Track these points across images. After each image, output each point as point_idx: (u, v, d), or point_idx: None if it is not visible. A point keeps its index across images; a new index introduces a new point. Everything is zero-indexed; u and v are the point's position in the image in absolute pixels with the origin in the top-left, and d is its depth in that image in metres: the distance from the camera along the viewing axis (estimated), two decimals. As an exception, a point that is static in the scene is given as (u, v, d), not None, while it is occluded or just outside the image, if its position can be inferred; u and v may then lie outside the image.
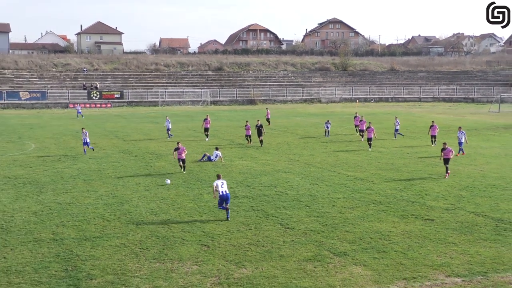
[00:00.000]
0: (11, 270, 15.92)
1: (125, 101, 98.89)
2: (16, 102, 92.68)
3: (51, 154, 38.07)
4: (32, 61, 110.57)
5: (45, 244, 18.23)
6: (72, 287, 14.70)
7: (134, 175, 30.54)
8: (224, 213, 21.60)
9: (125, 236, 19.13)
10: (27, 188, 26.94)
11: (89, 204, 23.63)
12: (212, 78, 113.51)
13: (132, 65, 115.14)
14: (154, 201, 24.36)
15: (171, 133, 48.37)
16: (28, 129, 56.10)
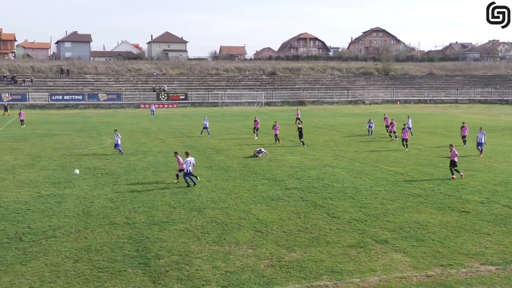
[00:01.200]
0: (91, 248, 16.33)
1: (189, 102, 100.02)
2: (95, 103, 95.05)
3: (125, 149, 38.79)
4: (110, 67, 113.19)
5: (120, 227, 18.62)
6: (143, 265, 14.95)
7: (197, 167, 30.79)
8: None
9: (189, 222, 19.34)
10: (105, 178, 27.57)
11: (157, 193, 24.00)
12: (266, 82, 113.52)
13: (196, 70, 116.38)
14: (214, 191, 24.54)
15: (209, 131, 47.79)
16: (106, 126, 57.40)
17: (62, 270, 14.51)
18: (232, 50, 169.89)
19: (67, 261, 15.21)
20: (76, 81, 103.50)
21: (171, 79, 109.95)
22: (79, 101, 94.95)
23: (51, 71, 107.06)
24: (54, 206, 21.53)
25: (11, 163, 32.07)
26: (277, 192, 24.09)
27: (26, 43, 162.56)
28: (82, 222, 19.17)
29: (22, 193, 23.86)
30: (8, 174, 28.32)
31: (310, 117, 71.37)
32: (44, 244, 16.67)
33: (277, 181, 26.62)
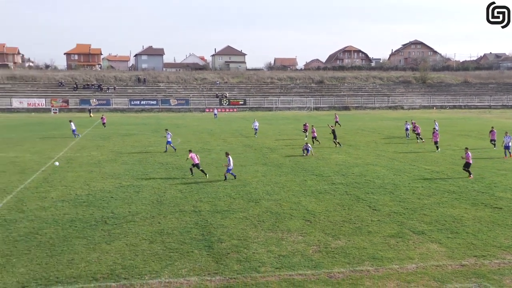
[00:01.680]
0: (163, 232, 16.70)
1: (247, 106, 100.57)
2: (167, 107, 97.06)
3: (192, 147, 39.28)
4: (179, 76, 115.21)
5: (187, 214, 18.94)
6: (207, 248, 15.16)
7: (254, 164, 30.97)
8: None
9: (247, 211, 19.46)
10: (175, 172, 28.10)
11: (220, 185, 24.25)
12: (315, 89, 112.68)
13: (253, 79, 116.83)
14: (269, 184, 24.58)
15: (257, 133, 48.21)
16: (176, 127, 58.50)
17: (140, 250, 14.91)
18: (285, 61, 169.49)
19: (143, 242, 15.62)
20: (151, 89, 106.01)
21: (231, 87, 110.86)
22: (153, 106, 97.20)
23: (131, 80, 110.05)
24: (133, 195, 22.15)
25: (97, 158, 33.20)
26: (324, 187, 23.89)
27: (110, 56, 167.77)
28: (156, 209, 19.62)
29: (107, 183, 24.67)
30: (95, 167, 29.35)
31: (354, 121, 70.33)
32: (124, 227, 17.18)
33: (324, 177, 26.40)
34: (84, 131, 53.00)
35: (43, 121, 68.81)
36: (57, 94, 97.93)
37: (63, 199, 21.10)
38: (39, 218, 18.15)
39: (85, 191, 22.69)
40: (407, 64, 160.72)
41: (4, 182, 24.57)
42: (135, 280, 12.71)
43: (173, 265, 13.69)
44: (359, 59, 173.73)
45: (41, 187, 23.61)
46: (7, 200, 20.85)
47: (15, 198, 21.32)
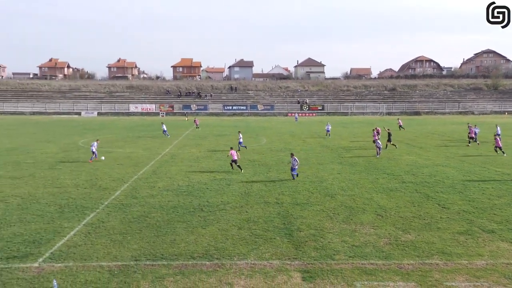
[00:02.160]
0: (250, 220, 16.89)
1: (325, 111, 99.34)
2: (255, 112, 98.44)
3: (276, 146, 39.62)
4: (266, 85, 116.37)
5: (271, 205, 19.01)
6: (288, 235, 15.12)
7: (330, 162, 30.46)
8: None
9: (323, 204, 19.17)
10: (260, 168, 28.36)
11: (300, 181, 24.09)
12: (388, 96, 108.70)
13: (331, 87, 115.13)
14: (343, 181, 24.04)
15: (330, 134, 48.07)
16: (262, 129, 59.14)
17: (230, 235, 15.20)
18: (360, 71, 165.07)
19: (233, 228, 15.90)
20: (241, 96, 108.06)
21: (311, 94, 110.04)
22: (243, 110, 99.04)
23: (224, 88, 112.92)
24: (225, 187, 22.64)
25: (196, 154, 34.39)
26: (395, 185, 22.92)
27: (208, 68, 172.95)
28: (244, 200, 19.90)
29: (203, 176, 25.45)
30: (194, 162, 30.40)
31: (424, 125, 66.92)
32: (217, 214, 17.61)
33: (395, 176, 25.33)
34: (184, 132, 55.18)
35: (153, 123, 72.61)
36: (164, 100, 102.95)
37: (167, 189, 22.07)
38: (148, 204, 19.13)
39: (185, 182, 23.57)
40: (478, 72, 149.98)
41: (122, 173, 26.20)
42: (225, 260, 12.97)
43: (258, 249, 13.80)
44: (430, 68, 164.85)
45: (151, 178, 24.87)
46: (124, 188, 22.21)
47: (130, 186, 22.65)
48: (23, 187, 22.19)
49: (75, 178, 24.51)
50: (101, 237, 14.81)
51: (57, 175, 25.53)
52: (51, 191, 21.45)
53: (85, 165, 28.94)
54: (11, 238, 14.68)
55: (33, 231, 15.41)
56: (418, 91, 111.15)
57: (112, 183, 23.40)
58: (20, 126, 63.52)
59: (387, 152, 35.01)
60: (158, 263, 12.73)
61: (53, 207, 18.45)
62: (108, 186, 22.53)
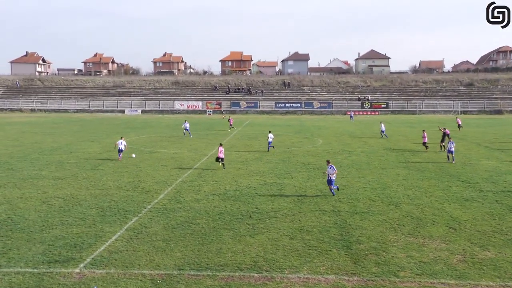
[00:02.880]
0: (303, 229, 16.77)
1: (390, 110, 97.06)
2: (310, 110, 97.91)
3: (333, 148, 39.16)
4: (323, 80, 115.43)
5: (327, 214, 18.79)
6: (345, 248, 14.87)
7: (395, 167, 29.70)
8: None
9: (386, 214, 18.71)
10: (316, 172, 28.09)
11: (359, 187, 23.68)
12: (463, 92, 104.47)
13: (396, 82, 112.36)
14: (410, 188, 23.35)
15: (385, 134, 48.22)
16: (318, 129, 58.67)
17: (281, 245, 15.16)
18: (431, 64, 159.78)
19: (284, 238, 15.85)
20: (295, 92, 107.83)
21: (374, 90, 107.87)
22: (297, 108, 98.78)
23: (277, 84, 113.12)
24: (275, 192, 22.65)
25: (245, 156, 34.67)
26: (471, 194, 21.94)
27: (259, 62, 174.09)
28: (297, 207, 19.81)
29: (252, 180, 25.59)
30: (243, 165, 30.66)
31: (506, 125, 63.71)
32: (267, 222, 17.62)
33: (471, 184, 24.25)
34: (232, 131, 55.80)
35: (199, 121, 74.04)
36: (211, 98, 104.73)
37: (213, 193, 22.39)
38: (193, 209, 19.49)
39: (233, 187, 23.80)
40: None
41: (166, 175, 26.89)
42: (275, 273, 12.94)
43: (312, 262, 13.67)
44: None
45: (196, 181, 25.35)
46: (167, 191, 22.77)
47: (174, 189, 23.19)
48: (66, 188, 23.31)
49: (118, 180, 25.44)
50: (143, 244, 15.25)
51: (100, 176, 26.62)
52: (93, 192, 22.39)
53: (128, 166, 29.98)
54: (53, 241, 15.45)
55: (75, 234, 16.13)
56: (500, 87, 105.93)
57: (155, 185, 24.07)
58: (64, 124, 66.90)
59: (462, 156, 33.60)
60: (203, 273, 12.92)
61: (95, 210, 19.24)
62: (151, 189, 23.19)
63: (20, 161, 31.85)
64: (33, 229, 16.70)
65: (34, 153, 35.54)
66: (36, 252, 14.43)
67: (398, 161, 32.09)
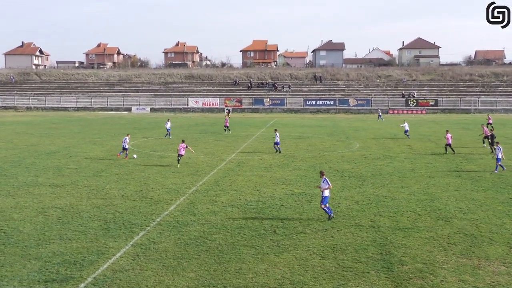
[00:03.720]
0: (336, 247, 16.72)
1: (439, 108, 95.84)
2: (345, 108, 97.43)
3: (372, 153, 38.91)
4: (360, 73, 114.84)
5: (364, 230, 18.70)
6: (386, 269, 14.77)
7: (445, 175, 29.35)
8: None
9: (434, 230, 18.52)
10: (351, 181, 28.01)
11: (403, 199, 23.49)
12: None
13: (448, 76, 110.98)
14: (463, 201, 23.05)
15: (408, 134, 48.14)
16: (354, 130, 58.34)
17: (310, 265, 15.15)
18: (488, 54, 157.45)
19: (314, 257, 15.84)
20: (328, 87, 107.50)
21: (421, 85, 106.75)
22: (330, 106, 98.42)
23: (307, 78, 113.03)
24: (304, 204, 22.63)
25: (269, 161, 34.73)
26: (537, 208, 21.56)
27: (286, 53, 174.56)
28: (329, 222, 19.74)
29: (277, 189, 25.62)
30: (266, 172, 30.71)
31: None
32: (294, 239, 17.63)
33: (537, 196, 23.83)
34: (256, 132, 55.94)
35: (217, 121, 74.44)
36: (231, 94, 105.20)
37: (232, 204, 22.50)
38: (209, 223, 19.62)
39: (255, 197, 23.87)
40: None
41: (178, 183, 27.14)
42: (303, 297, 12.93)
43: (346, 286, 13.62)
44: None
45: (212, 190, 25.51)
46: (180, 202, 22.98)
47: (187, 200, 23.39)
48: (65, 198, 23.75)
49: (123, 188, 25.80)
50: (151, 262, 15.43)
51: (103, 183, 27.03)
52: (95, 202, 22.75)
53: (135, 172, 30.35)
54: (50, 257, 15.76)
55: (75, 250, 16.42)
56: None
57: (165, 195, 24.32)
58: (63, 124, 68.16)
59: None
60: (220, 296, 13.00)
61: (97, 223, 19.55)
62: (161, 199, 23.44)
63: (14, 166, 32.59)
64: (28, 244, 17.07)
65: (30, 157, 36.32)
66: (31, 270, 14.75)
67: (448, 168, 31.68)
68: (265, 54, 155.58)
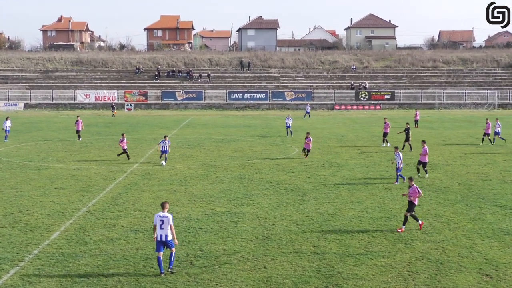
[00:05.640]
0: (271, 281, 16.83)
1: (397, 102, 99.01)
2: (280, 103, 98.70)
3: (315, 160, 39.52)
4: (299, 58, 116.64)
5: (306, 257, 18.94)
6: (332, 307, 15.07)
7: (404, 186, 30.23)
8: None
9: (392, 256, 19.04)
10: (289, 195, 28.33)
11: (353, 217, 23.99)
12: (501, 77, 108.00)
13: (406, 62, 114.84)
14: (426, 218, 23.83)
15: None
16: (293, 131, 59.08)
17: (237, 304, 15.20)
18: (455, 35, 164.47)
19: (242, 294, 15.92)
20: (258, 77, 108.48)
21: (374, 74, 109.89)
22: (261, 101, 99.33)
23: (231, 64, 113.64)
24: (229, 226, 22.68)
25: (183, 172, 34.59)
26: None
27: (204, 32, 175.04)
28: (261, 248, 19.88)
29: (194, 208, 25.54)
30: (180, 186, 30.57)
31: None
32: (217, 271, 17.61)
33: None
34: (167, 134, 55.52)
35: (115, 120, 73.26)
36: (132, 85, 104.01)
37: (136, 229, 22.22)
38: (104, 254, 19.27)
39: (165, 219, 23.68)
40: None
41: (63, 203, 26.49)
42: None
43: (283, 330, 13.77)
44: None
45: (109, 210, 25.09)
46: (65, 227, 22.43)
47: (75, 224, 22.87)
48: None
49: (-12, 211, 24.90)
50: (27, 308, 14.97)
51: (-41, 205, 25.96)
52: None
53: (3, 189, 29.37)
54: None
55: None
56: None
57: (46, 219, 23.69)
58: None
59: (500, 170, 34.66)
60: None
61: (-49, 258, 18.74)
62: (39, 224, 22.80)
63: None
64: None
65: None
66: None
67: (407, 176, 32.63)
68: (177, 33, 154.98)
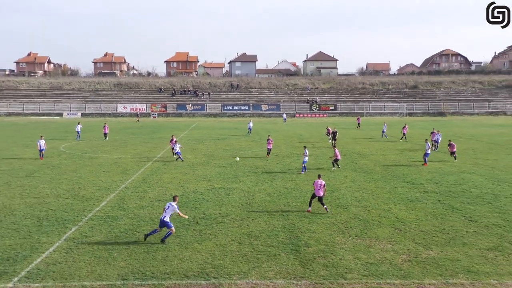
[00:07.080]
0: (251, 234, 16.94)
1: (338, 112, 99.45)
2: (258, 112, 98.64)
3: (282, 151, 39.69)
4: (271, 82, 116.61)
5: (275, 218, 19.05)
6: (294, 251, 15.16)
7: (342, 169, 30.49)
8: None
9: (334, 216, 19.21)
10: (264, 176, 28.42)
11: (308, 190, 24.09)
12: (408, 94, 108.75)
13: (344, 84, 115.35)
14: (357, 191, 24.08)
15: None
16: (266, 132, 59.12)
17: (229, 251, 15.26)
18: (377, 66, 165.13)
19: (232, 243, 15.96)
20: (243, 94, 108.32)
21: (322, 92, 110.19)
22: (245, 111, 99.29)
23: (224, 86, 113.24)
24: (223, 197, 22.73)
25: (191, 160, 34.50)
26: (416, 195, 22.94)
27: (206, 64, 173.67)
28: (245, 212, 19.97)
29: (199, 185, 25.54)
30: (189, 169, 30.51)
31: (449, 127, 66.94)
32: (215, 228, 17.67)
33: (416, 185, 25.36)
34: (180, 134, 55.37)
35: (144, 125, 72.84)
36: (156, 100, 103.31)
37: (159, 199, 22.17)
38: (137, 216, 19.22)
39: (179, 192, 23.65)
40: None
41: (108, 182, 26.33)
42: (223, 279, 13.02)
43: (261, 267, 13.85)
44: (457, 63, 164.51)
45: (140, 187, 24.99)
46: (110, 198, 22.32)
47: (117, 196, 22.77)
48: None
49: (56, 187, 24.66)
50: (84, 254, 14.90)
51: (35, 183, 25.69)
52: (28, 201, 21.59)
53: (67, 172, 29.11)
54: (-16, 254, 14.78)
55: (8, 247, 15.51)
56: (443, 89, 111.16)
57: (96, 192, 23.54)
58: (-5, 128, 63.91)
59: (407, 157, 35.01)
60: (148, 282, 12.80)
61: (30, 220, 18.57)
62: (92, 196, 22.66)
63: None
64: (-39, 242, 15.91)
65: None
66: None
67: (346, 163, 32.95)
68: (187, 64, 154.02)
